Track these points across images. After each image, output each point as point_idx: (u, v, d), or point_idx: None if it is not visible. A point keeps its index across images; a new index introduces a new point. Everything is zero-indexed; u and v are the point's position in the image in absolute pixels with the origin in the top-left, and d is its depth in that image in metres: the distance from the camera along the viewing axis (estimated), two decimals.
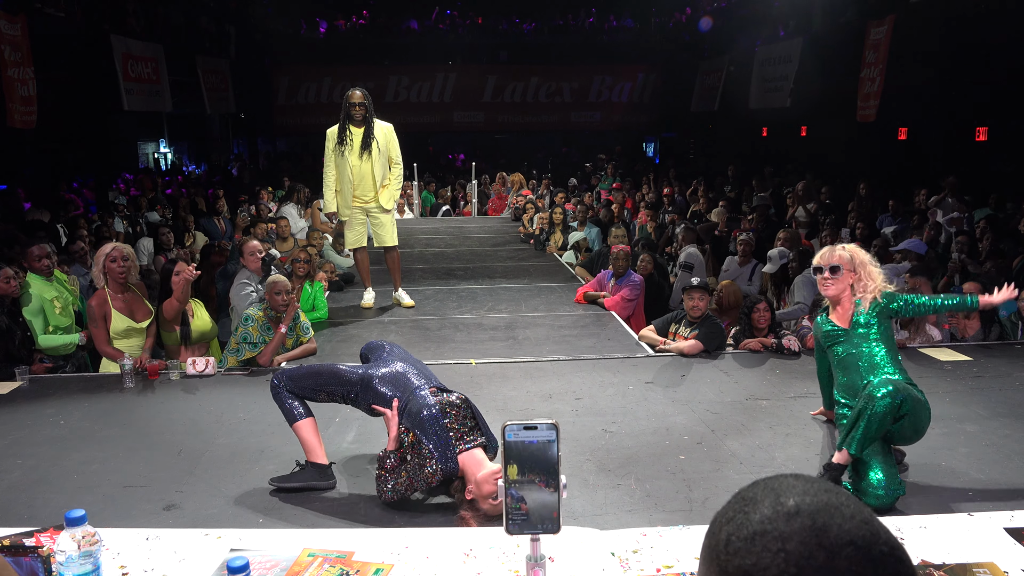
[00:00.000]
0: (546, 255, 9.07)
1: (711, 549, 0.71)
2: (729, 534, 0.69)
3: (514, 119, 20.00)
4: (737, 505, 0.72)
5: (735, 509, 0.72)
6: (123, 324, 4.76)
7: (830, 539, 0.65)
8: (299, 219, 9.73)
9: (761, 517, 0.68)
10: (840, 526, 0.66)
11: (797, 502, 0.69)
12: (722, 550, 0.69)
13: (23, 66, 9.14)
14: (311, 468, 3.17)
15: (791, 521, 0.67)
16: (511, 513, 1.59)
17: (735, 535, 0.69)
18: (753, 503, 0.71)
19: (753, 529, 0.68)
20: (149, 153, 18.84)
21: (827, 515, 0.67)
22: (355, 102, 6.05)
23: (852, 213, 8.72)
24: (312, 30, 19.61)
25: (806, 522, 0.66)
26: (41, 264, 5.07)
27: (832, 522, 0.66)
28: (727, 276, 7.09)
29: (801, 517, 0.67)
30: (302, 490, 3.14)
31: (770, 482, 0.73)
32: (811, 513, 0.67)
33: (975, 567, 1.87)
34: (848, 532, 0.65)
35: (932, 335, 5.24)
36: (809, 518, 0.67)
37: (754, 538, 0.67)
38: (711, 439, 3.67)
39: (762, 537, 0.67)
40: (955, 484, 3.17)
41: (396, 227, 6.50)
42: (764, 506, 0.69)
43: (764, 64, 14.20)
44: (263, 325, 4.82)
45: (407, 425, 2.94)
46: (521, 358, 5.05)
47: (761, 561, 0.65)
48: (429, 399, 2.96)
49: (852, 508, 0.68)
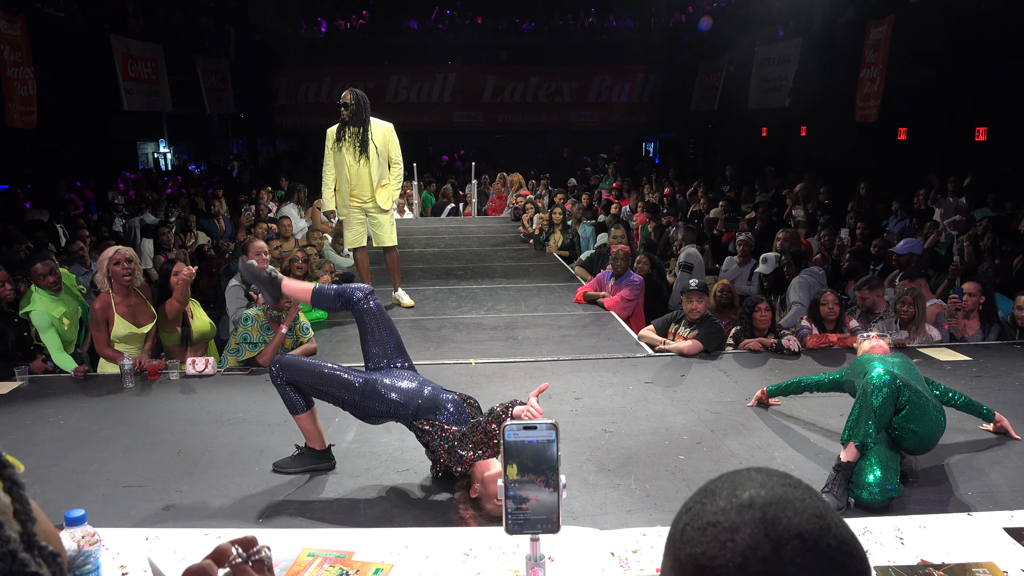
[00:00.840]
0: (546, 255, 9.07)
1: (670, 538, 0.73)
2: (686, 524, 0.71)
3: (514, 119, 19.99)
4: (698, 496, 0.74)
5: (695, 500, 0.74)
6: (125, 330, 4.73)
7: (778, 531, 0.66)
8: (299, 219, 9.73)
9: (715, 508, 0.70)
10: (790, 519, 0.67)
11: (752, 494, 0.70)
12: (678, 539, 0.71)
13: (23, 66, 9.15)
14: (309, 452, 3.27)
15: (743, 513, 0.68)
16: (511, 513, 1.59)
17: (690, 525, 0.71)
18: (712, 494, 0.72)
19: (707, 519, 0.69)
20: (149, 153, 18.84)
21: (778, 508, 0.68)
22: (340, 102, 6.04)
23: (851, 213, 8.72)
24: (312, 30, 19.61)
25: (756, 514, 0.68)
26: (47, 282, 4.87)
27: (782, 515, 0.67)
28: (726, 276, 7.09)
29: (753, 509, 0.68)
30: (303, 473, 3.25)
31: (731, 475, 0.75)
32: (763, 506, 0.68)
33: (975, 567, 1.87)
34: (797, 525, 0.67)
35: (932, 335, 5.24)
36: (760, 510, 0.68)
37: (706, 528, 0.69)
38: (711, 439, 3.67)
39: (714, 527, 0.68)
40: (955, 484, 3.17)
41: (396, 227, 6.50)
42: (720, 497, 0.71)
43: (764, 64, 14.20)
44: (263, 325, 4.82)
45: (427, 419, 3.01)
46: (521, 358, 5.05)
47: (709, 550, 0.67)
48: (446, 394, 3.12)
49: (806, 503, 0.69)
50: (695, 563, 0.68)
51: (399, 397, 3.05)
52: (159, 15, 14.23)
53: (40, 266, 4.91)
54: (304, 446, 3.32)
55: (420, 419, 3.02)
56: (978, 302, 5.27)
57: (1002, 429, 3.61)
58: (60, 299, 4.96)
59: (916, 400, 3.08)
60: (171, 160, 19.38)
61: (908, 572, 1.87)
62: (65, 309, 4.93)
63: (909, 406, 3.06)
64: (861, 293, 5.35)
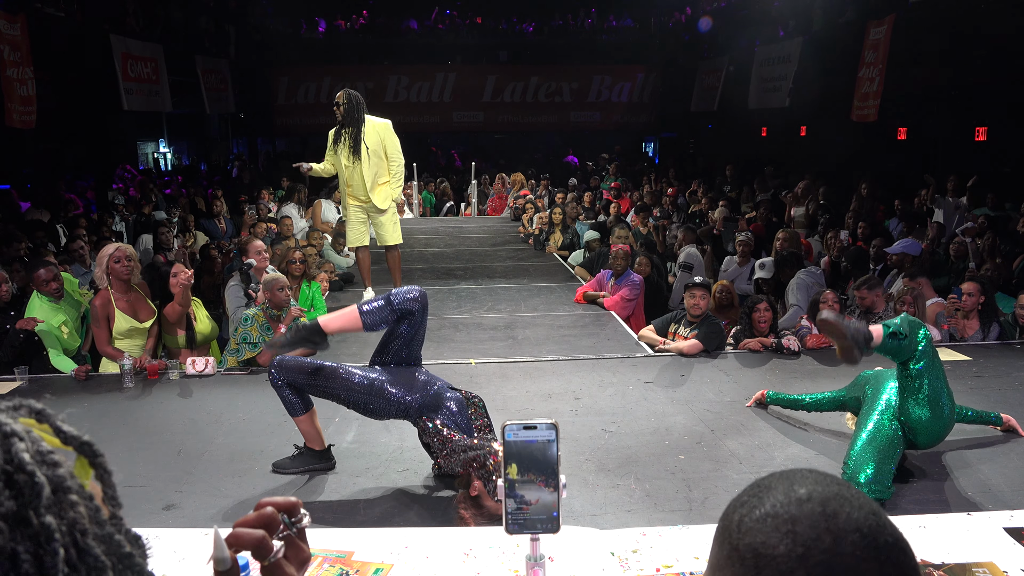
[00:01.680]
0: (546, 255, 9.07)
1: (724, 531, 0.75)
2: (742, 516, 0.73)
3: (514, 119, 19.98)
4: (752, 491, 0.76)
5: (749, 494, 0.75)
6: (126, 324, 4.76)
7: (838, 525, 0.68)
8: (299, 219, 9.72)
9: (774, 501, 0.72)
10: (849, 514, 0.69)
11: (809, 490, 0.72)
12: (734, 530, 0.73)
13: (22, 66, 9.14)
14: (308, 452, 3.28)
15: (802, 506, 0.70)
16: (511, 513, 1.59)
17: (747, 516, 0.72)
18: (767, 489, 0.74)
19: (766, 511, 0.71)
20: (149, 153, 18.83)
21: (837, 503, 0.70)
22: (334, 102, 6.05)
23: (850, 214, 8.71)
24: (312, 30, 19.61)
25: (816, 508, 0.70)
26: (49, 288, 4.83)
27: (841, 510, 0.69)
28: (726, 276, 7.09)
29: (812, 503, 0.70)
30: (303, 473, 3.26)
31: (785, 473, 0.77)
32: (822, 500, 0.71)
33: (975, 567, 1.87)
34: (855, 520, 0.69)
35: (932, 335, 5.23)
36: (819, 504, 0.70)
37: (765, 519, 0.71)
38: (711, 439, 3.67)
39: (773, 519, 0.70)
40: (955, 484, 3.17)
41: (399, 226, 6.48)
42: (777, 492, 0.73)
43: (764, 64, 14.20)
44: (263, 325, 4.82)
45: (429, 416, 3.02)
46: (521, 358, 5.05)
47: (770, 540, 0.69)
48: (450, 392, 3.13)
49: (861, 500, 0.71)
50: (755, 552, 0.69)
51: (403, 395, 3.05)
52: (159, 15, 14.22)
53: (43, 272, 4.86)
54: (303, 446, 3.33)
55: (423, 416, 3.03)
56: (977, 302, 5.27)
57: (1010, 427, 3.60)
58: (60, 307, 4.92)
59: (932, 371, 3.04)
60: (171, 160, 19.38)
61: None
62: (65, 317, 4.90)
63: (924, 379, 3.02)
64: (860, 293, 5.35)
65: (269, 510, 0.93)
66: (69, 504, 0.59)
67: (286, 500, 0.97)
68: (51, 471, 0.59)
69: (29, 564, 0.55)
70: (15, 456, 0.58)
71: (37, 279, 4.86)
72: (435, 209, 13.80)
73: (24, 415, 0.64)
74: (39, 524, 0.57)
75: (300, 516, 0.97)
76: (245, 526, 0.91)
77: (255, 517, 0.92)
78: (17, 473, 0.57)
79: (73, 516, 0.59)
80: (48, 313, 4.81)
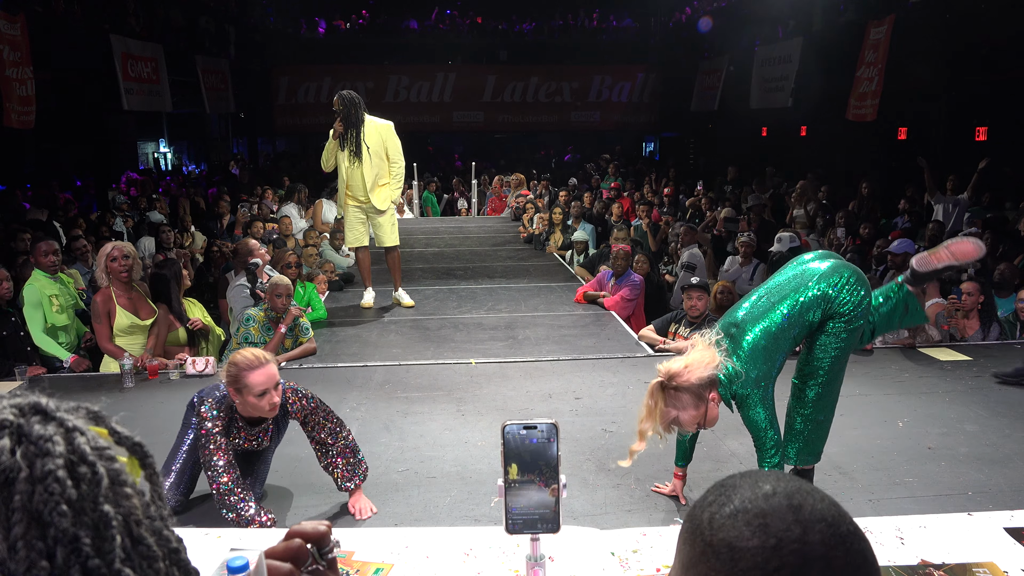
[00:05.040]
0: (546, 255, 9.07)
1: (694, 530, 0.78)
2: (712, 514, 0.76)
3: (514, 119, 19.99)
4: (717, 491, 0.79)
5: (716, 494, 0.79)
6: (127, 321, 4.79)
7: (804, 515, 0.72)
8: (299, 219, 9.72)
9: (742, 498, 0.76)
10: (813, 506, 0.73)
11: (773, 486, 0.76)
12: (706, 528, 0.76)
13: (22, 66, 9.14)
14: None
15: (769, 500, 0.74)
16: (511, 513, 1.59)
17: (717, 514, 0.76)
18: (733, 488, 0.78)
19: (735, 507, 0.75)
20: (149, 153, 18.84)
21: (800, 496, 0.74)
22: (332, 109, 6.03)
23: (841, 215, 8.70)
24: (312, 30, 19.62)
25: (783, 501, 0.74)
26: (47, 260, 5.05)
27: (806, 502, 0.74)
28: (728, 277, 7.09)
29: (778, 497, 0.74)
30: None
31: (744, 473, 0.81)
32: (786, 494, 0.75)
33: (975, 567, 1.87)
34: (820, 511, 0.73)
35: (932, 335, 5.24)
36: (785, 498, 0.74)
37: (736, 515, 0.74)
38: (711, 439, 3.67)
39: (744, 514, 0.74)
40: (955, 484, 3.17)
41: (397, 227, 6.48)
42: (744, 489, 0.77)
43: (764, 64, 14.20)
44: (263, 325, 4.83)
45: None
46: (521, 358, 5.05)
47: (743, 534, 0.72)
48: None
49: (821, 493, 0.76)
50: (730, 546, 0.72)
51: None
52: (159, 15, 14.22)
53: (44, 245, 5.12)
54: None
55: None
56: (977, 302, 5.27)
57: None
58: (56, 284, 5.08)
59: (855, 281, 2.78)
60: (171, 160, 19.39)
61: (908, 572, 1.87)
62: (57, 292, 5.05)
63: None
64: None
65: (297, 542, 0.92)
66: (124, 496, 0.64)
67: (315, 530, 0.94)
68: (108, 464, 0.64)
69: (89, 548, 0.59)
70: (78, 448, 0.62)
71: (38, 251, 5.11)
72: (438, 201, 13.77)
73: (83, 416, 0.67)
74: (98, 512, 0.61)
75: (330, 546, 0.94)
76: (273, 558, 0.90)
77: (283, 549, 0.91)
78: (80, 464, 0.62)
79: (128, 507, 0.63)
80: (43, 283, 4.99)
